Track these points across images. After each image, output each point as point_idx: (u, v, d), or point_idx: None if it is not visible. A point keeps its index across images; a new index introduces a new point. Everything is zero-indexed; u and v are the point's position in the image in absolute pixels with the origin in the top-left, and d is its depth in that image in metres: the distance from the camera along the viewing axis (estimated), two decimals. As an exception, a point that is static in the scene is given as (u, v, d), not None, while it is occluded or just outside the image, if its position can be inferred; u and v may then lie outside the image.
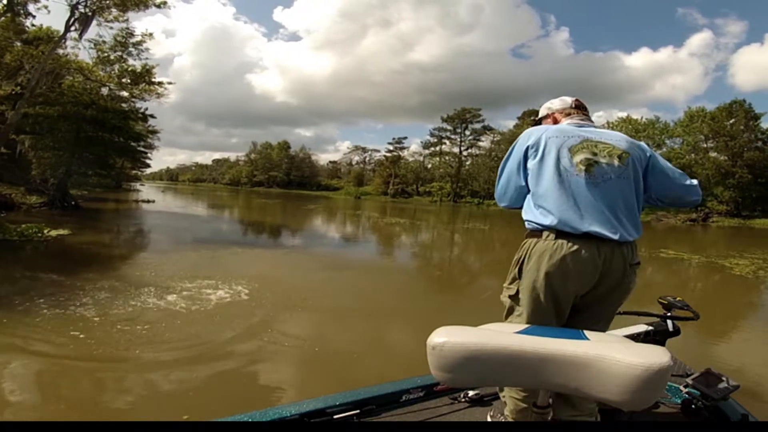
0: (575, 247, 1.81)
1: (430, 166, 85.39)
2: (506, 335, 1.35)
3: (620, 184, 1.90)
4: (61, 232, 12.77)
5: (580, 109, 2.20)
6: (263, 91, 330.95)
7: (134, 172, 62.34)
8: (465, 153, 78.55)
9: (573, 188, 1.87)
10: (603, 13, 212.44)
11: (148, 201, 35.33)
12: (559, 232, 1.84)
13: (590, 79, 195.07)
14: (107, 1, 19.66)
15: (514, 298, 1.97)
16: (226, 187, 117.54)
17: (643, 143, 2.09)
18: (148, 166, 66.48)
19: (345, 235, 20.33)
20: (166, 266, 9.04)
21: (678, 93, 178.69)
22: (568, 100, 2.25)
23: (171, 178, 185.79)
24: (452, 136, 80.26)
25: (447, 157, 79.66)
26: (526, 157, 2.01)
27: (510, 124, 78.39)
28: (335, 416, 2.02)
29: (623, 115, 55.95)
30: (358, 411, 2.08)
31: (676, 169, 2.09)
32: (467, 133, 79.12)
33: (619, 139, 2.01)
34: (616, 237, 1.81)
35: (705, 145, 50.27)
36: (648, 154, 2.04)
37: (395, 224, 25.70)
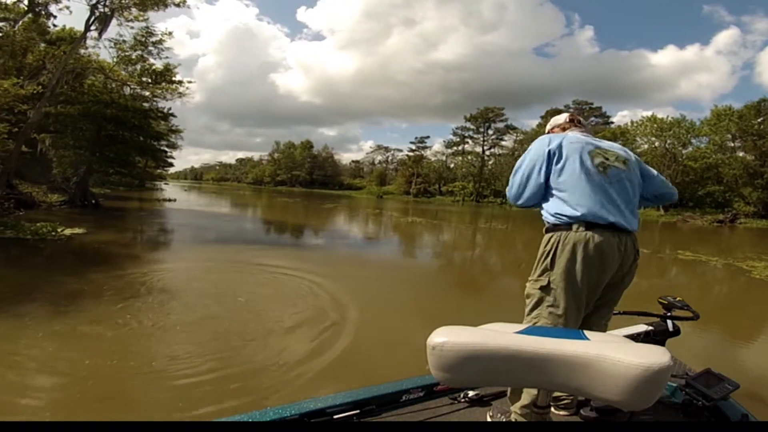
0: (604, 236, 2.05)
1: (452, 165, 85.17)
2: (506, 335, 1.36)
3: (625, 184, 2.20)
4: (76, 230, 12.74)
5: (575, 122, 2.52)
6: (287, 90, 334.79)
7: (158, 171, 62.86)
8: (488, 152, 78.24)
9: (597, 186, 2.13)
10: (628, 11, 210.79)
11: (170, 200, 35.62)
12: (588, 224, 2.07)
13: (615, 77, 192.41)
14: (126, 1, 19.76)
15: (546, 288, 2.12)
16: (249, 186, 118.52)
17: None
18: (171, 165, 67.08)
19: (368, 235, 20.26)
20: (180, 268, 8.94)
21: (704, 91, 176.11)
22: (563, 117, 2.59)
23: (195, 177, 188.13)
24: (475, 136, 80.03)
25: (469, 157, 79.34)
26: (548, 160, 2.24)
27: (533, 123, 77.76)
28: (335, 416, 2.02)
29: (648, 113, 54.88)
30: (358, 411, 2.07)
31: (655, 171, 2.47)
32: (490, 132, 78.82)
33: (618, 148, 2.34)
34: (629, 227, 2.11)
35: (732, 145, 49.21)
36: (637, 161, 2.38)
37: (417, 224, 25.46)
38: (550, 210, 2.20)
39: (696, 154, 50.59)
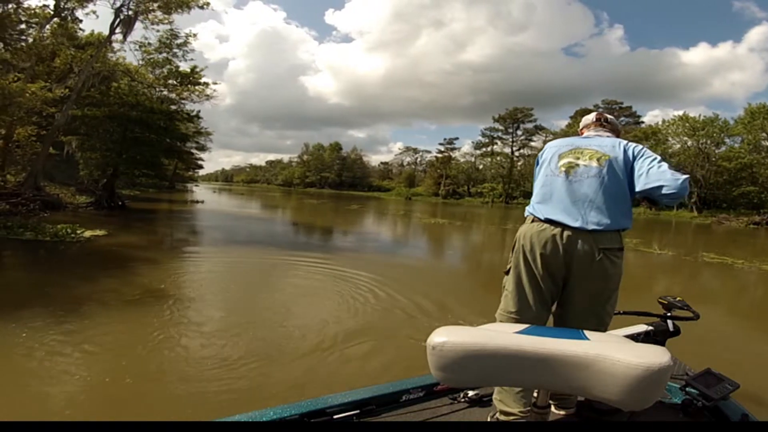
0: (543, 227, 2.21)
1: (481, 167, 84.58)
2: (506, 335, 1.37)
3: (594, 182, 2.21)
4: (97, 232, 12.67)
5: (599, 122, 2.57)
6: (316, 92, 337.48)
7: (189, 173, 63.87)
8: (517, 153, 77.51)
9: (551, 186, 2.31)
10: (658, 9, 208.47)
11: (198, 201, 36.02)
12: (534, 218, 2.28)
13: (646, 76, 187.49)
14: (150, 4, 19.95)
15: (507, 272, 2.35)
16: (278, 187, 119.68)
17: (635, 146, 2.31)
18: (200, 167, 68.35)
19: (400, 237, 20.10)
20: (193, 274, 8.70)
21: (737, 90, 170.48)
22: (591, 117, 2.64)
23: (226, 179, 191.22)
24: (504, 137, 79.57)
25: (498, 158, 78.70)
26: (537, 166, 2.54)
27: (563, 123, 76.70)
28: (335, 416, 2.01)
29: (679, 113, 53.69)
30: (358, 411, 2.07)
31: (659, 166, 2.17)
32: (519, 133, 78.25)
33: (605, 145, 2.32)
34: (575, 225, 2.14)
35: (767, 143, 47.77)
36: (633, 155, 2.26)
37: (447, 226, 25.13)
38: None
39: (730, 154, 49.19)
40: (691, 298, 2.70)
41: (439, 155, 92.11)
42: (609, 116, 2.60)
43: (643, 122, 69.40)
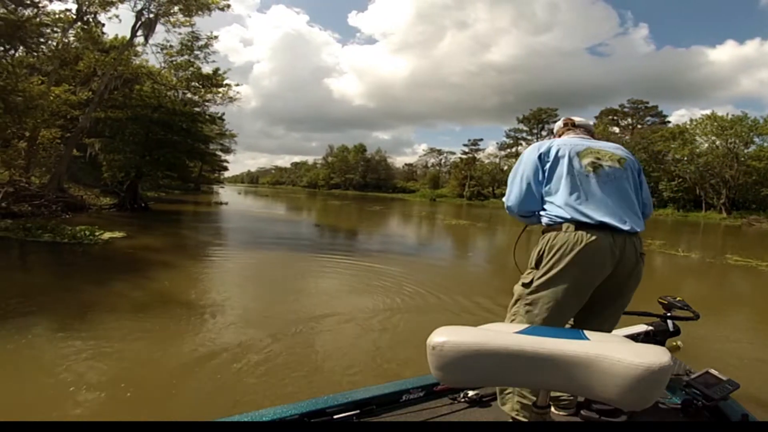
0: (594, 237, 1.97)
1: (506, 168, 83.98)
2: (506, 335, 1.36)
3: (622, 183, 2.15)
4: (115, 234, 12.61)
5: (575, 126, 2.48)
6: (341, 94, 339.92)
7: (214, 175, 64.57)
8: (542, 154, 76.91)
9: (585, 186, 2.11)
10: (683, 6, 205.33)
11: (222, 203, 36.31)
12: (579, 224, 2.01)
13: (672, 76, 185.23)
14: (170, 6, 20.10)
15: (527, 285, 2.11)
16: (303, 189, 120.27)
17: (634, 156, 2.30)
18: (225, 168, 69.02)
19: (425, 240, 20.00)
20: (211, 277, 8.61)
21: (766, 88, 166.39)
22: (560, 123, 2.57)
23: (252, 180, 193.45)
24: (528, 137, 79.17)
25: (523, 159, 78.30)
26: (541, 165, 2.23)
27: (589, 123, 76.19)
28: (335, 416, 2.00)
29: (706, 112, 52.62)
30: (358, 411, 2.06)
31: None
32: (543, 133, 77.71)
33: (615, 148, 2.28)
34: (626, 228, 2.01)
35: (798, 142, 46.57)
36: (639, 165, 2.30)
37: (468, 227, 25.03)
38: (544, 213, 2.19)
39: (760, 153, 48.02)
40: (702, 299, 2.56)
41: (464, 156, 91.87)
42: (577, 119, 2.54)
43: (669, 122, 68.61)
